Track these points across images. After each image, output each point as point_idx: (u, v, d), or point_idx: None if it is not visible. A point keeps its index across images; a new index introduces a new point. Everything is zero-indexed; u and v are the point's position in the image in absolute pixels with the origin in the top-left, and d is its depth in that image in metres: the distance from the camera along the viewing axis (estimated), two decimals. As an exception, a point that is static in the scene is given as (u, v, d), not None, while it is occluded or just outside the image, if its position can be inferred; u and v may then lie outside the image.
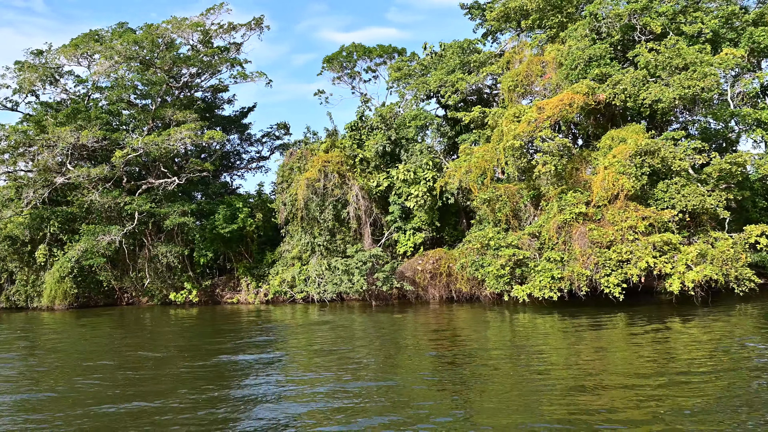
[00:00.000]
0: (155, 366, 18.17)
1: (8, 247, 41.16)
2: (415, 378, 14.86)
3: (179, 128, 35.05)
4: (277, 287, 37.95)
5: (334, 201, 33.45)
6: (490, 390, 13.38)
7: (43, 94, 39.29)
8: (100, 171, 34.90)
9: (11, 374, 17.92)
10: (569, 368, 14.99)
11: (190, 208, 37.18)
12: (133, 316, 35.34)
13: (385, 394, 13.43)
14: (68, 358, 20.58)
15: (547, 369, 15.05)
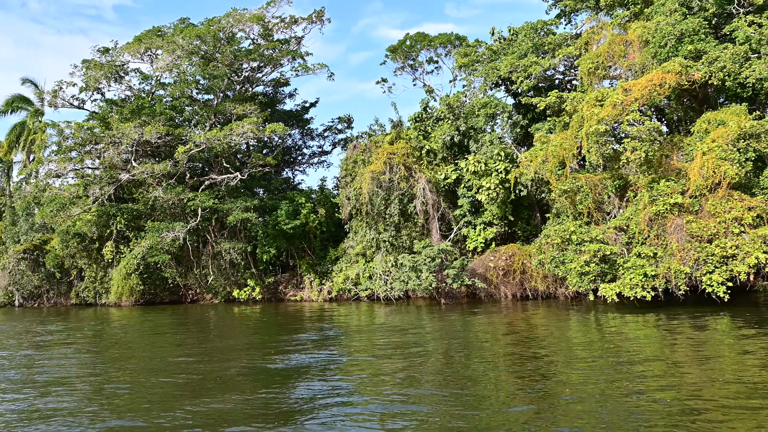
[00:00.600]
0: (219, 365, 16.87)
1: (77, 244, 41.15)
2: (491, 389, 12.79)
3: (241, 122, 33.90)
4: (341, 285, 36.43)
5: (400, 195, 31.59)
6: (575, 412, 10.85)
7: (108, 91, 39.07)
8: (164, 167, 34.13)
9: (75, 367, 17.32)
10: (670, 383, 12.27)
11: (252, 204, 36.06)
12: (197, 314, 34.49)
13: (457, 404, 11.55)
14: (135, 356, 19.66)
15: (644, 383, 12.42)
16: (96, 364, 17.94)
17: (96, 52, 39.19)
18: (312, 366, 16.22)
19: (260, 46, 37.98)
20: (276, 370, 16.06)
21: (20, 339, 24.39)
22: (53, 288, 45.20)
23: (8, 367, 17.73)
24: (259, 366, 16.61)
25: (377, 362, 16.33)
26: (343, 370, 15.64)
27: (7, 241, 45.62)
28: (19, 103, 49.13)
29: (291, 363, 16.96)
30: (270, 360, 17.54)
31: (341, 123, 43.35)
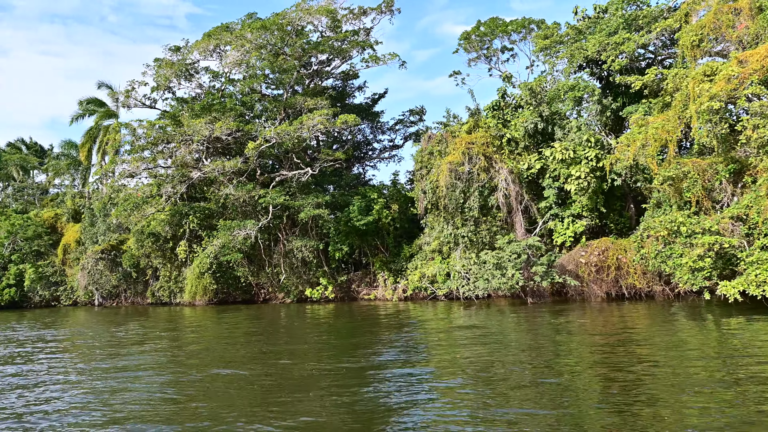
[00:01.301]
0: (291, 367, 15.49)
1: (152, 243, 40.80)
2: (589, 408, 10.39)
3: (311, 115, 32.35)
4: (417, 283, 34.38)
5: (480, 187, 29.23)
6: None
7: (179, 89, 38.39)
8: (234, 164, 33.00)
9: (154, 364, 16.90)
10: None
11: (324, 200, 34.47)
12: (270, 313, 33.23)
13: (548, 426, 9.35)
14: (210, 354, 18.59)
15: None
16: (173, 363, 17.18)
17: (167, 51, 38.59)
18: (392, 369, 14.43)
19: (329, 38, 36.35)
20: (355, 370, 14.56)
21: (102, 340, 23.57)
22: (130, 287, 45.19)
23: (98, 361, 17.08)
24: (338, 367, 15.14)
25: (465, 366, 14.27)
26: (419, 375, 13.65)
27: (86, 242, 45.91)
28: (94, 106, 49.48)
29: (371, 363, 15.35)
30: (349, 360, 16.01)
31: (413, 115, 41.26)
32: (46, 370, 16.36)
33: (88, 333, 26.82)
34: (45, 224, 49.01)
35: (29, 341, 24.03)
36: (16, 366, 17.42)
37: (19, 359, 18.80)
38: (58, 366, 17.21)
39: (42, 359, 18.71)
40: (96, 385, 13.89)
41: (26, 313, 41.78)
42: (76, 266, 46.53)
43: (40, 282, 47.05)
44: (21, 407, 12.01)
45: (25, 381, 14.88)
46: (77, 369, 16.54)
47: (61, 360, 18.66)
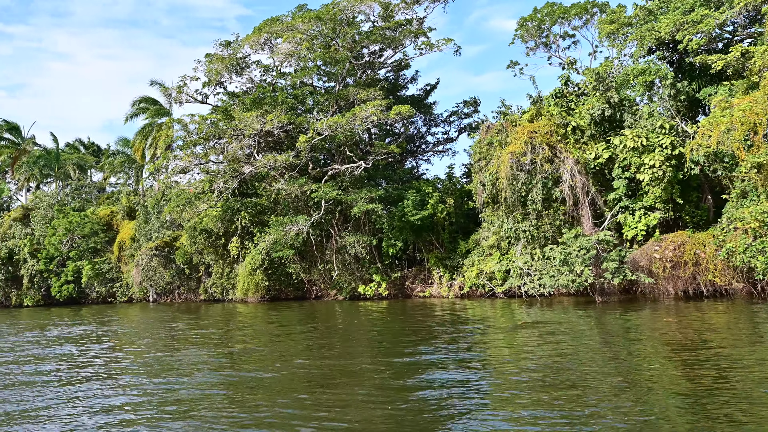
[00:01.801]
0: (345, 364, 14.77)
1: (204, 240, 40.34)
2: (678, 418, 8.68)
3: (364, 106, 31.07)
4: (474, 280, 32.76)
5: (543, 178, 27.39)
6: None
7: (230, 84, 37.71)
8: (286, 158, 32.01)
9: (210, 359, 16.50)
10: None
11: (377, 194, 33.17)
12: (323, 310, 32.20)
13: None
14: (263, 351, 18.07)
15: None
16: (227, 359, 16.66)
17: (218, 47, 37.98)
18: (448, 370, 13.25)
19: (381, 28, 34.98)
20: (409, 371, 13.49)
21: (157, 336, 22.89)
22: (183, 284, 44.96)
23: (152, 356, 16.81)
24: (392, 364, 14.32)
25: (530, 369, 12.79)
26: (477, 383, 12.14)
27: (141, 239, 45.91)
28: (147, 104, 49.55)
29: (426, 362, 14.27)
30: (404, 359, 14.98)
31: (467, 107, 39.52)
32: (103, 365, 16.05)
33: (144, 329, 26.29)
34: (101, 222, 49.34)
35: (88, 336, 23.59)
36: (74, 362, 17.07)
37: (78, 355, 18.43)
38: (115, 362, 16.92)
39: (100, 355, 18.40)
40: (151, 381, 13.56)
41: (84, 309, 41.96)
42: (131, 263, 46.61)
43: (97, 278, 47.34)
44: (77, 402, 11.63)
45: (83, 375, 14.47)
46: (134, 365, 16.23)
47: (118, 355, 18.33)
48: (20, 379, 14.53)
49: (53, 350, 19.92)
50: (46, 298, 49.02)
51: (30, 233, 49.53)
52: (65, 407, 11.38)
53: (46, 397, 12.23)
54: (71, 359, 17.64)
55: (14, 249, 49.08)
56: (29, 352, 19.59)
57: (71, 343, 21.89)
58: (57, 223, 48.12)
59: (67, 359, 17.63)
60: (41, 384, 13.70)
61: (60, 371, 15.41)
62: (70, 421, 10.40)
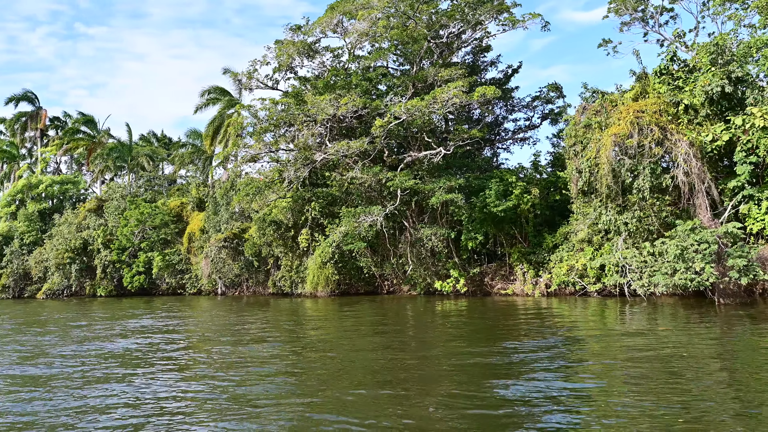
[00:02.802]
0: (420, 365, 13.23)
1: (273, 232, 38.52)
2: None
3: (445, 87, 28.22)
4: (563, 277, 29.46)
5: (651, 163, 23.83)
6: None
7: (301, 68, 35.51)
8: (360, 144, 29.54)
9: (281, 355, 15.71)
10: None
11: (457, 184, 30.27)
12: (397, 307, 29.66)
13: None
14: (334, 346, 16.89)
15: None
16: (296, 354, 15.73)
17: (288, 31, 35.89)
18: (535, 380, 11.17)
19: (460, 4, 31.94)
20: (488, 374, 12.06)
21: (227, 329, 20.95)
22: (252, 277, 43.40)
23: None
24: (469, 366, 12.81)
25: (636, 383, 10.31)
26: (575, 394, 9.93)
27: (210, 230, 44.65)
28: (217, 94, 48.28)
29: (508, 367, 12.53)
30: (484, 362, 13.28)
31: (551, 91, 36.01)
32: (174, 358, 15.37)
33: (214, 322, 24.46)
34: (171, 213, 48.48)
35: (160, 328, 21.96)
36: (141, 353, 16.24)
37: (150, 347, 17.53)
38: (185, 354, 16.23)
39: (172, 347, 17.59)
40: (221, 374, 12.84)
41: (154, 300, 40.95)
42: (200, 254, 45.45)
43: (167, 270, 46.45)
44: (147, 397, 10.97)
45: (149, 370, 13.66)
46: (204, 357, 15.47)
47: (190, 348, 17.54)
48: (100, 371, 13.61)
49: (126, 342, 18.39)
50: (118, 289, 48.57)
51: (103, 224, 49.20)
52: (131, 399, 10.76)
53: (114, 391, 11.47)
54: (142, 351, 16.65)
55: (88, 239, 48.84)
56: (106, 344, 18.31)
57: (142, 335, 20.23)
58: (129, 214, 47.53)
59: (138, 351, 16.68)
60: (116, 377, 12.90)
61: (128, 365, 14.29)
62: (135, 415, 9.72)
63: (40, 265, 49.82)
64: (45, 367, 14.19)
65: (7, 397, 11.14)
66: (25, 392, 11.46)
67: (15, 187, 54.77)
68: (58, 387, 11.85)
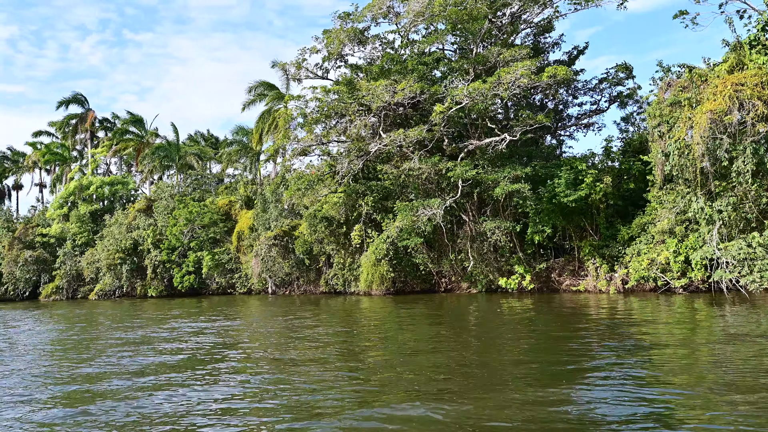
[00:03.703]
0: (494, 373, 11.55)
1: (325, 228, 36.61)
2: None
3: (509, 68, 25.67)
4: (643, 272, 26.64)
5: (755, 143, 20.84)
6: None
7: (352, 56, 33.38)
8: (419, 132, 27.25)
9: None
10: None
11: (523, 173, 27.69)
12: (457, 305, 27.35)
13: None
14: (393, 347, 15.56)
15: None
16: (347, 354, 14.82)
17: (336, 19, 33.82)
18: (617, 387, 9.78)
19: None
20: (566, 383, 10.29)
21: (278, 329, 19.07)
22: (303, 275, 41.63)
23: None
24: (542, 374, 11.25)
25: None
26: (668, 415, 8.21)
27: (259, 228, 43.10)
28: (264, 89, 46.69)
29: (586, 373, 10.82)
30: (560, 370, 11.50)
31: (620, 71, 32.94)
32: (227, 359, 14.53)
33: (267, 322, 22.60)
34: (220, 211, 47.19)
35: (213, 329, 20.21)
36: (199, 355, 15.23)
37: (205, 348, 16.41)
38: (239, 355, 15.25)
39: (225, 348, 16.54)
40: (275, 376, 12.11)
41: (204, 300, 39.58)
42: (250, 253, 43.95)
43: (217, 269, 45.11)
44: (193, 398, 10.47)
45: (202, 372, 12.89)
46: (258, 359, 14.61)
47: (244, 349, 16.43)
48: (166, 376, 12.76)
49: (182, 344, 16.60)
50: (169, 289, 47.51)
51: (153, 224, 48.24)
52: (187, 406, 10.03)
53: (176, 397, 10.77)
54: (196, 352, 15.54)
55: (138, 240, 47.97)
56: (167, 344, 16.99)
57: (197, 335, 18.48)
58: (177, 214, 46.42)
59: (192, 352, 15.60)
60: (173, 382, 12.03)
61: (187, 369, 13.33)
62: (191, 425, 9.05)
63: (92, 266, 49.23)
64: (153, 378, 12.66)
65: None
66: (145, 396, 10.86)
67: (67, 189, 54.48)
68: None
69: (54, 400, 10.73)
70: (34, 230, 52.79)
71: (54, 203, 55.79)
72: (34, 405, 10.43)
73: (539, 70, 27.20)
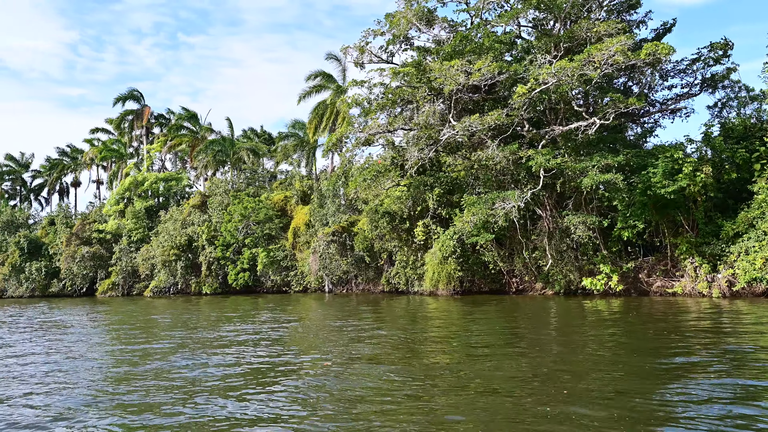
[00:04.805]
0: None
1: (387, 224, 34.04)
2: None
3: (602, 45, 22.50)
4: (755, 272, 23.11)
5: None
6: None
7: (419, 38, 30.63)
8: (497, 116, 24.33)
9: None
10: None
11: (615, 162, 24.44)
12: (535, 308, 24.35)
13: None
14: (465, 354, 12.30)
15: None
16: (432, 368, 12.16)
17: (400, 1, 31.11)
18: None
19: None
20: None
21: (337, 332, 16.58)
22: (362, 273, 39.22)
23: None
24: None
25: None
26: None
27: (316, 224, 40.90)
28: (322, 80, 44.47)
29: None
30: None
31: (713, 51, 29.22)
32: (289, 364, 12.97)
33: (329, 323, 20.09)
34: (275, 207, 45.25)
35: (281, 331, 17.87)
36: (261, 358, 13.50)
37: (267, 352, 14.39)
38: (304, 360, 13.52)
39: (288, 351, 14.69)
40: (336, 386, 10.50)
41: (260, 299, 37.57)
42: (306, 250, 41.82)
43: (272, 266, 43.15)
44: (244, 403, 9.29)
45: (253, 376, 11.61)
46: (323, 362, 12.95)
47: (311, 352, 14.64)
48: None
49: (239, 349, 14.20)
50: (223, 286, 45.86)
51: (207, 220, 46.68)
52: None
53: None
54: (259, 357, 13.53)
55: (193, 236, 46.47)
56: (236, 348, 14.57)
57: (265, 337, 16.15)
58: (232, 209, 44.68)
59: (254, 356, 13.66)
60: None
61: (245, 374, 11.61)
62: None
63: (147, 263, 48.04)
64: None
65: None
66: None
67: (122, 185, 53.59)
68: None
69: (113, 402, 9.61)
70: (91, 226, 52.02)
71: (110, 199, 55.02)
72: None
73: (640, 45, 23.88)
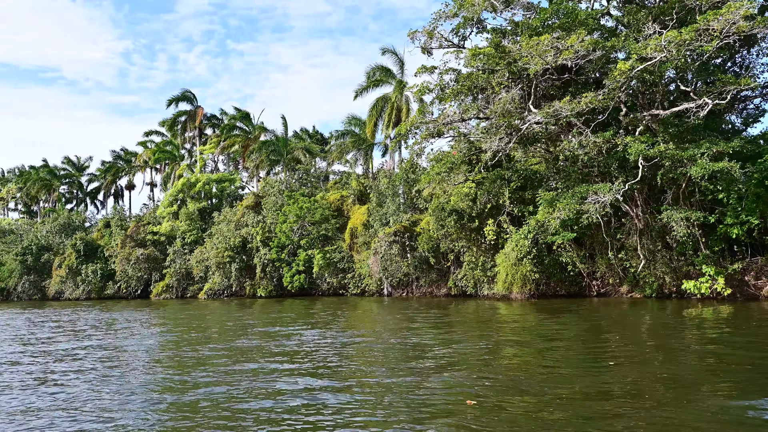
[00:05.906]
0: None
1: (454, 223, 31.21)
2: None
3: (721, 11, 19.27)
4: None
5: None
6: None
7: (495, 18, 27.69)
8: (592, 98, 21.27)
9: None
10: None
11: (728, 149, 21.06)
12: (634, 315, 21.17)
13: None
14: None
15: None
16: None
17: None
18: None
19: None
20: None
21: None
22: (423, 275, 36.42)
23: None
24: None
25: None
26: None
27: (375, 224, 38.36)
28: (381, 75, 42.07)
29: None
30: None
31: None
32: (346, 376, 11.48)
33: (399, 331, 17.33)
34: (331, 207, 42.93)
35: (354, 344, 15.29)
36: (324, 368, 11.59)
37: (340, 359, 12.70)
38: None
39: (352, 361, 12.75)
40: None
41: (318, 302, 35.21)
42: (364, 251, 39.30)
43: (328, 268, 40.78)
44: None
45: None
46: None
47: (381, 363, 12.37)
48: None
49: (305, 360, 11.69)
50: (278, 289, 43.74)
51: (261, 221, 44.71)
52: None
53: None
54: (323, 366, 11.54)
55: (247, 237, 44.57)
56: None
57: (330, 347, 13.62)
58: (287, 210, 42.57)
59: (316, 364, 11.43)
60: None
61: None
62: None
63: (201, 265, 46.38)
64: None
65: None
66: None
67: (175, 187, 52.28)
68: None
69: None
70: (145, 228, 50.84)
71: (164, 201, 53.81)
72: None
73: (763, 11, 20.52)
